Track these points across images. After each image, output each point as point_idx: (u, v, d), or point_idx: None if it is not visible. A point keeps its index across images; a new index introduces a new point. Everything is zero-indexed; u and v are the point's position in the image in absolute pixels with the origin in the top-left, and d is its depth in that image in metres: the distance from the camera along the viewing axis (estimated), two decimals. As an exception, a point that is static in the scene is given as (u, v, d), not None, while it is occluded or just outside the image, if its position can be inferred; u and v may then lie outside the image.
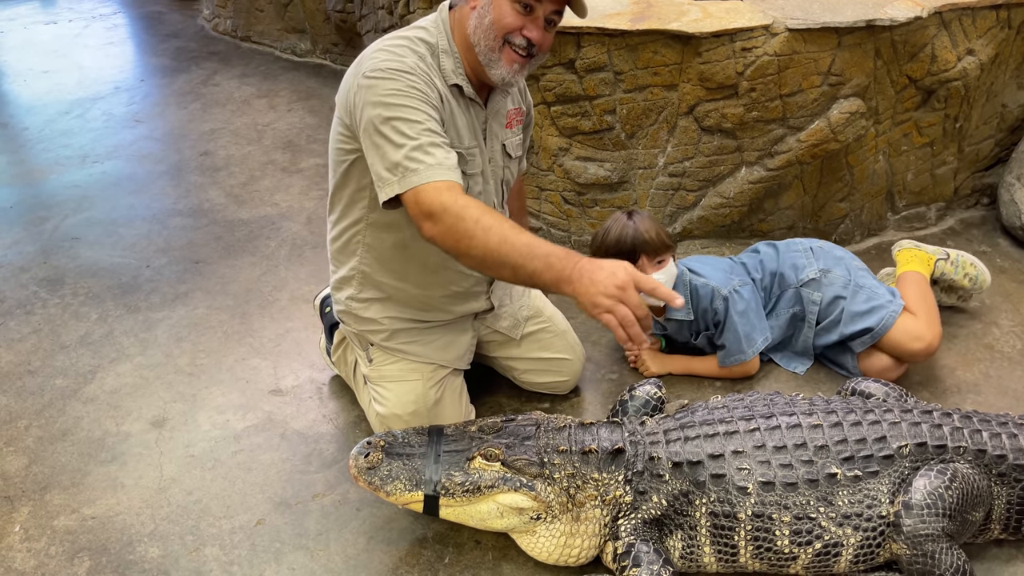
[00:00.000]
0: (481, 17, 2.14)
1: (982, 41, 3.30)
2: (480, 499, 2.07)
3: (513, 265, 1.89)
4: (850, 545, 2.01)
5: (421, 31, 2.23)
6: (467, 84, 2.24)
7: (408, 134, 2.01)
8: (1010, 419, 2.19)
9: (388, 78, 2.05)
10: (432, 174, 1.96)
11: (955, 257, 3.01)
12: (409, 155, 1.99)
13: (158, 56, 6.43)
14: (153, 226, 4.02)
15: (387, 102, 2.03)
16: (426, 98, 2.07)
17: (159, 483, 2.51)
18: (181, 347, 3.12)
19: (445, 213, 1.92)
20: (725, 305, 2.72)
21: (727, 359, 2.78)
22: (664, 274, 2.66)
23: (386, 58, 2.10)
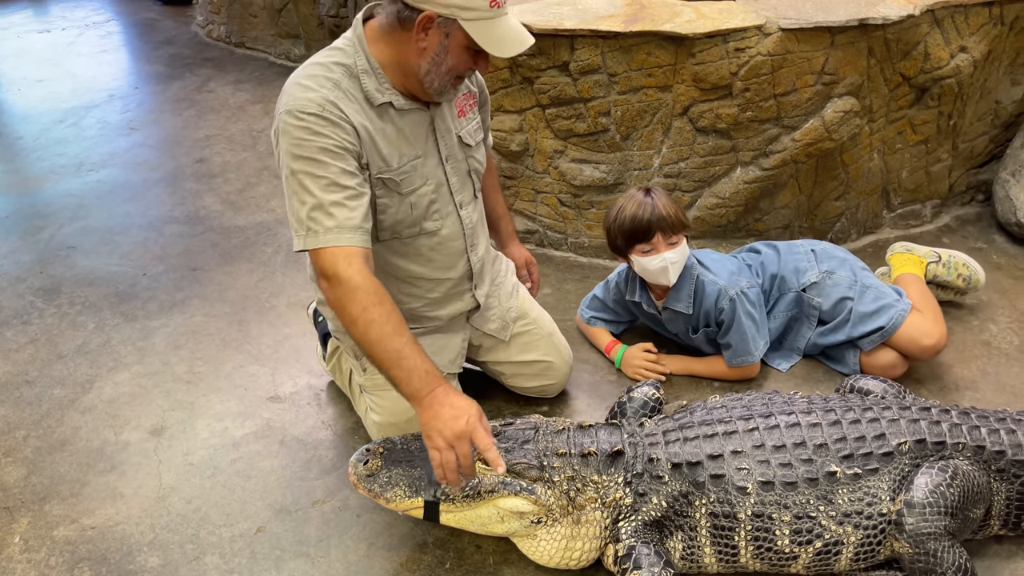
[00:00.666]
0: (437, 64, 2.09)
1: (975, 38, 3.31)
2: (480, 504, 2.07)
3: (379, 363, 2.02)
4: (850, 544, 2.01)
5: (337, 53, 2.17)
6: (397, 97, 2.18)
7: (312, 190, 2.03)
8: (1008, 415, 2.20)
9: (296, 123, 2.03)
10: (329, 239, 2.02)
11: (947, 259, 3.02)
12: (311, 215, 2.04)
13: (152, 63, 6.43)
14: (149, 234, 4.01)
15: (294, 152, 2.04)
16: (332, 142, 2.04)
17: (158, 492, 2.50)
18: (179, 355, 3.12)
19: (338, 285, 2.01)
20: (732, 306, 2.70)
21: (734, 359, 2.78)
22: (676, 253, 2.64)
23: (298, 95, 2.06)
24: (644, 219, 2.60)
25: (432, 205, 2.32)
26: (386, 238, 2.30)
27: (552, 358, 2.73)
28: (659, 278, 2.70)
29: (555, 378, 2.76)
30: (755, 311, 2.77)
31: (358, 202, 2.07)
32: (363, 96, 2.15)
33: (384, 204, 2.22)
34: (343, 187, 2.05)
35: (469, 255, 2.47)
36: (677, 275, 2.69)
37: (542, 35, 3.16)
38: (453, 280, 2.47)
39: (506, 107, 3.46)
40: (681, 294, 2.75)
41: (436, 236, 2.36)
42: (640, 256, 2.67)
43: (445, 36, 2.05)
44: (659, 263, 2.64)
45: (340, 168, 2.05)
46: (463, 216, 2.42)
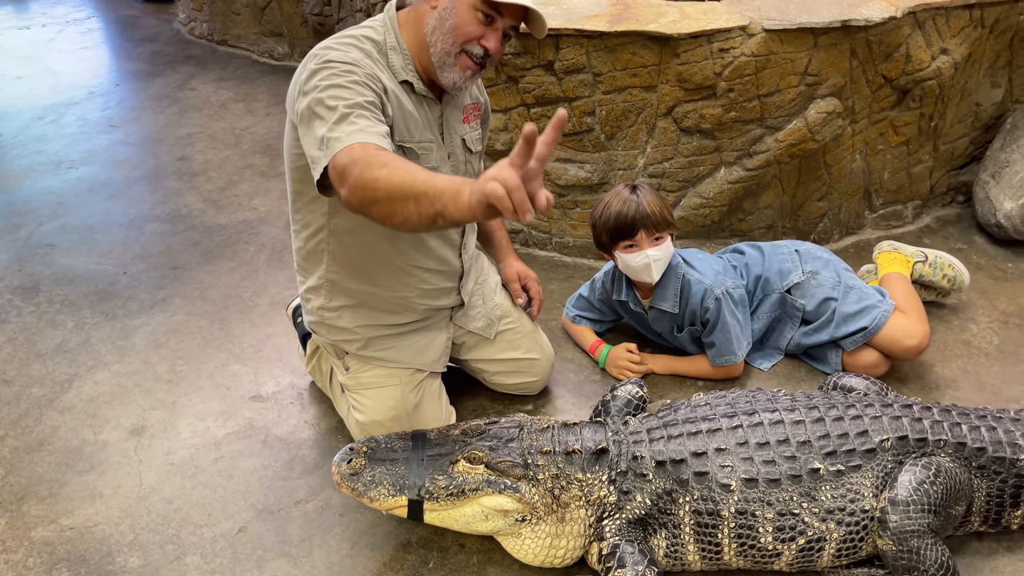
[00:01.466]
0: (442, 19, 2.14)
1: (956, 40, 3.34)
2: (464, 502, 2.06)
3: (417, 194, 1.67)
4: (833, 540, 2.02)
5: (368, 30, 2.23)
6: (417, 80, 2.24)
7: (333, 107, 1.92)
8: (988, 412, 2.22)
9: (325, 68, 2.02)
10: (353, 139, 1.83)
11: (933, 259, 3.04)
12: (332, 127, 1.88)
13: (133, 60, 6.37)
14: (130, 232, 3.97)
15: (321, 86, 1.98)
16: (364, 82, 2.03)
17: (138, 492, 2.47)
18: (160, 354, 3.09)
19: (354, 165, 1.77)
20: (718, 305, 2.71)
21: (718, 358, 2.79)
22: (660, 251, 2.65)
23: (328, 54, 2.08)
24: (628, 216, 2.60)
25: None
26: None
27: (535, 355, 2.73)
28: (642, 275, 2.70)
29: (538, 375, 2.76)
30: (739, 311, 2.78)
31: (381, 125, 1.95)
32: (390, 72, 2.20)
33: None
34: (370, 109, 1.96)
35: (461, 251, 2.50)
36: (660, 273, 2.69)
37: (527, 34, 3.15)
38: (444, 273, 2.48)
39: (491, 106, 3.44)
40: (667, 293, 2.75)
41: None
42: (624, 252, 2.67)
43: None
44: (642, 260, 2.64)
45: (368, 100, 1.98)
46: None
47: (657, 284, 2.76)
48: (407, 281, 2.42)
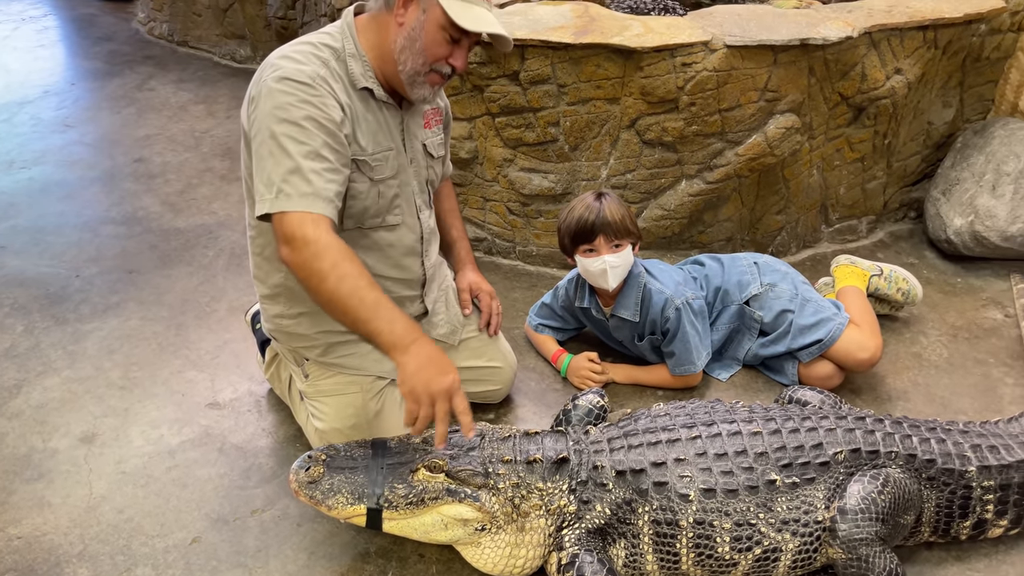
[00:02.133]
0: (411, 40, 2.15)
1: (909, 61, 3.44)
2: (424, 511, 2.05)
3: (355, 316, 1.94)
4: (788, 551, 2.05)
5: (326, 36, 2.22)
6: (378, 87, 2.24)
7: (292, 154, 2.00)
8: (938, 424, 2.27)
9: (284, 91, 2.03)
10: (304, 204, 1.97)
11: (888, 273, 3.12)
12: (287, 177, 2.00)
13: (90, 59, 6.24)
14: (84, 234, 3.88)
15: (279, 116, 2.02)
16: (320, 113, 2.05)
17: (88, 501, 2.41)
18: (113, 360, 3.02)
19: (305, 246, 1.94)
20: (678, 315, 2.74)
21: (677, 368, 2.82)
22: (618, 259, 2.67)
23: (288, 65, 2.07)
24: (589, 221, 2.64)
25: (396, 199, 2.35)
26: (349, 227, 2.28)
27: (498, 363, 2.73)
28: (599, 281, 2.74)
29: (500, 383, 2.76)
30: (699, 322, 2.82)
31: (332, 176, 2.06)
32: (348, 79, 2.19)
33: (356, 188, 2.23)
34: (324, 158, 2.04)
35: (424, 259, 2.48)
36: (617, 280, 2.72)
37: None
38: (406, 282, 2.47)
39: (456, 114, 3.45)
40: (628, 302, 2.78)
41: (396, 231, 2.38)
42: (583, 257, 2.71)
43: (422, 12, 2.13)
44: (599, 265, 2.67)
45: (324, 140, 2.05)
46: (422, 219, 2.45)
47: (619, 293, 2.79)
48: None
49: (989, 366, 3.01)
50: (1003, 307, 3.36)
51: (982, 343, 3.14)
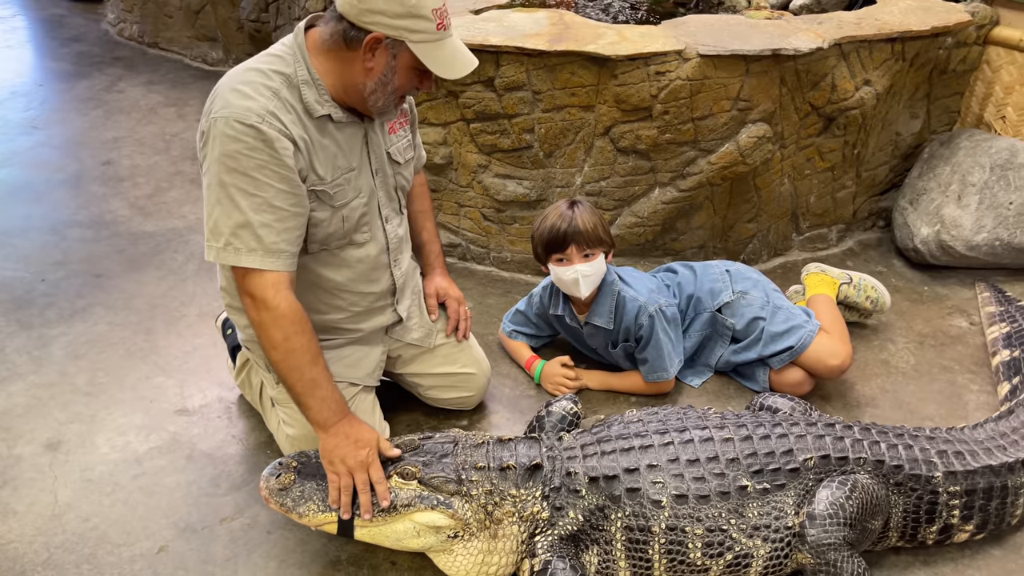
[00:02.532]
0: (383, 83, 2.10)
1: (878, 72, 3.49)
2: (396, 519, 2.03)
3: (292, 389, 2.11)
4: (760, 556, 2.07)
5: (277, 60, 2.12)
6: (336, 110, 2.16)
7: (241, 207, 2.01)
8: (905, 431, 2.30)
9: (232, 136, 1.98)
10: (252, 260, 2.03)
11: (857, 281, 3.16)
12: (236, 231, 2.02)
13: (58, 60, 6.15)
14: (50, 238, 3.82)
15: (228, 165, 2.00)
16: (271, 159, 2.00)
17: (53, 509, 2.37)
18: (79, 365, 2.97)
19: (265, 309, 2.05)
20: (651, 322, 2.76)
21: (650, 375, 2.83)
22: (590, 267, 2.68)
23: (236, 102, 2.00)
24: (561, 230, 2.65)
25: (363, 218, 2.31)
26: (315, 250, 2.27)
27: (472, 370, 2.72)
28: (571, 289, 2.74)
29: (474, 390, 2.75)
30: (672, 329, 2.84)
31: (286, 224, 2.05)
32: (303, 107, 2.11)
33: (317, 217, 2.19)
34: (275, 208, 2.03)
35: (392, 269, 2.46)
36: (589, 289, 2.72)
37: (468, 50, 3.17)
38: (376, 294, 2.45)
39: (431, 120, 3.45)
40: (602, 309, 2.79)
41: (363, 248, 2.35)
42: (555, 265, 2.72)
43: (392, 57, 2.06)
44: (571, 274, 2.68)
45: (276, 189, 2.02)
46: (388, 230, 2.42)
47: (592, 300, 2.80)
48: (334, 303, 2.39)
49: (955, 373, 3.07)
50: (968, 315, 3.42)
51: (948, 350, 3.20)
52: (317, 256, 2.28)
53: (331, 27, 2.08)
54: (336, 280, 2.34)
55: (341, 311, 2.41)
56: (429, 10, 2.01)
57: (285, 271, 2.07)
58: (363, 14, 2.00)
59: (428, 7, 2.01)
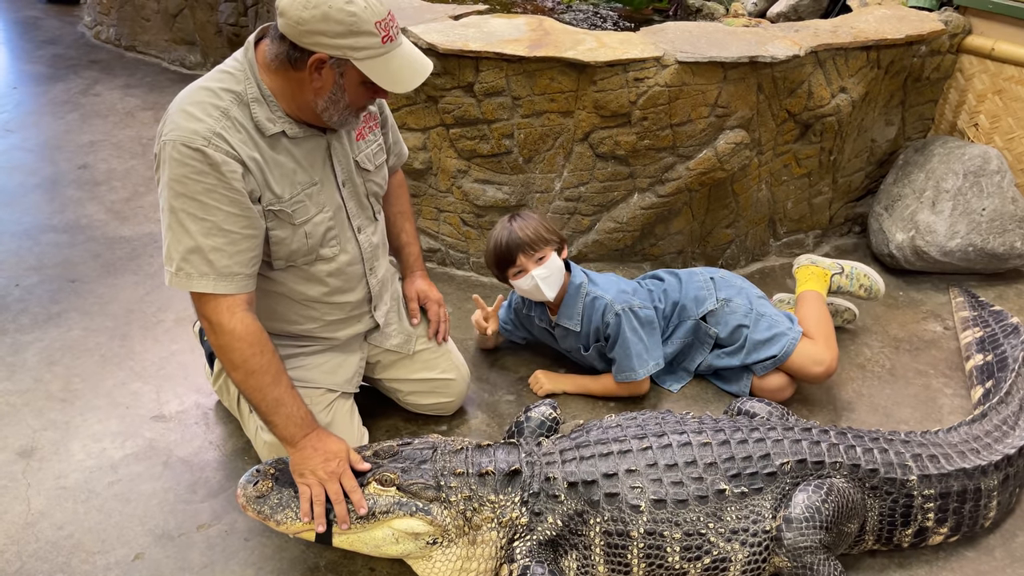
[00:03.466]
0: (334, 101, 2.05)
1: (854, 80, 3.53)
2: (375, 525, 2.03)
3: (257, 408, 2.11)
4: (738, 560, 2.08)
5: (227, 78, 2.06)
6: (291, 126, 2.11)
7: (191, 232, 2.00)
8: (881, 435, 2.33)
9: (180, 160, 1.95)
10: (205, 285, 2.02)
11: (849, 270, 3.18)
12: (187, 256, 2.02)
13: (33, 63, 6.07)
14: (23, 242, 3.77)
15: (176, 189, 1.98)
16: (219, 183, 1.98)
17: (26, 517, 2.33)
18: (53, 371, 2.93)
19: (221, 333, 2.05)
20: (617, 321, 2.77)
21: (619, 374, 2.84)
22: (546, 268, 2.70)
23: (184, 124, 1.97)
24: (503, 244, 2.69)
25: (329, 232, 2.27)
26: (281, 267, 2.25)
27: (451, 375, 2.72)
28: (536, 295, 2.77)
29: (453, 395, 2.75)
30: (644, 331, 2.84)
31: (239, 247, 2.04)
32: (254, 125, 2.06)
33: (277, 236, 2.16)
34: (226, 232, 2.01)
35: (368, 278, 2.45)
36: (553, 290, 2.74)
37: (447, 55, 3.18)
38: (352, 303, 2.44)
39: (410, 125, 3.44)
40: (571, 311, 2.81)
41: (334, 262, 2.32)
42: (514, 280, 2.75)
43: (339, 75, 2.02)
44: (530, 282, 2.71)
45: (226, 213, 2.00)
46: (361, 241, 2.39)
47: (562, 302, 2.82)
48: (309, 314, 2.38)
49: (929, 377, 3.10)
50: (942, 320, 3.46)
51: (923, 355, 3.24)
52: (285, 272, 2.27)
53: (275, 47, 2.02)
54: (308, 293, 2.33)
55: (315, 321, 2.40)
56: (372, 25, 1.94)
57: (241, 293, 2.06)
58: (304, 35, 1.94)
59: (370, 22, 1.94)
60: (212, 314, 2.04)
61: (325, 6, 1.89)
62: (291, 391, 2.11)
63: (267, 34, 2.09)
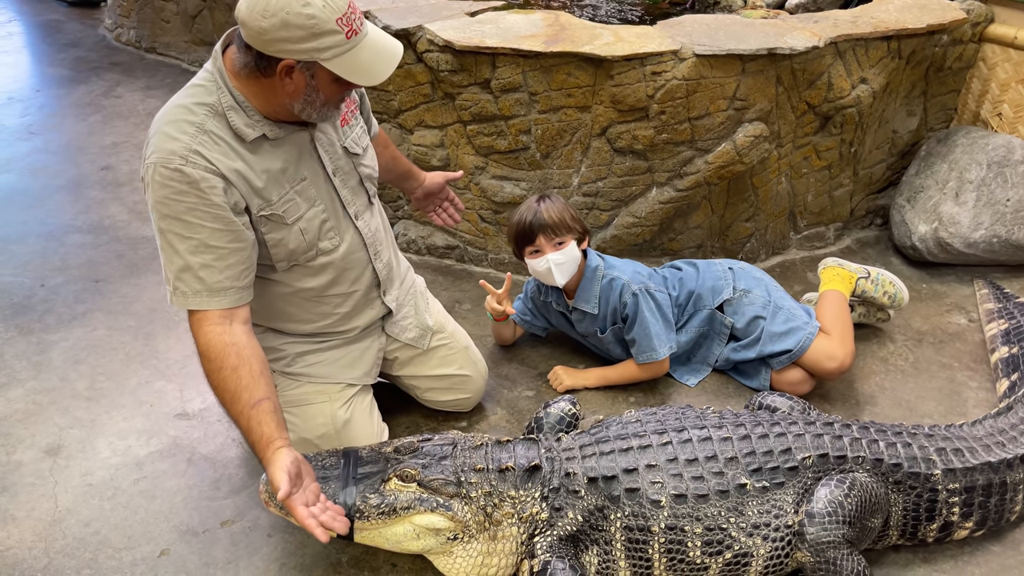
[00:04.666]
0: (309, 101, 2.04)
1: (874, 70, 3.50)
2: (396, 521, 2.04)
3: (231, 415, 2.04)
4: (760, 556, 2.07)
5: (199, 91, 2.06)
6: (271, 127, 2.10)
7: (179, 251, 2.03)
8: (904, 429, 2.31)
9: (160, 182, 1.97)
10: (198, 302, 2.04)
11: (875, 276, 3.15)
12: (179, 275, 2.04)
13: (56, 66, 6.15)
14: (48, 243, 3.82)
15: (161, 211, 2.01)
16: (200, 201, 1.99)
17: (53, 514, 2.37)
18: (79, 370, 2.97)
19: (200, 345, 2.05)
20: (635, 301, 2.78)
21: (640, 355, 2.85)
22: (562, 255, 2.72)
23: (162, 145, 1.98)
24: (527, 223, 2.71)
25: (325, 224, 2.28)
26: (284, 268, 2.26)
27: (468, 371, 2.73)
28: (546, 279, 2.79)
29: (471, 392, 2.75)
30: (660, 313, 2.85)
31: (228, 261, 2.05)
32: (232, 134, 2.06)
33: (274, 238, 2.18)
34: (212, 248, 2.03)
35: (374, 263, 2.45)
36: (565, 277, 2.76)
37: (464, 52, 3.18)
38: (361, 291, 2.45)
39: (427, 122, 3.45)
40: (588, 294, 2.83)
41: (336, 252, 2.32)
42: (529, 259, 2.78)
43: (311, 77, 2.01)
44: (544, 264, 2.73)
45: (210, 229, 2.02)
46: (360, 227, 2.39)
47: (578, 286, 2.83)
48: (320, 310, 2.39)
49: (954, 370, 3.07)
50: (967, 312, 3.42)
51: (947, 347, 3.20)
52: (289, 271, 2.28)
53: (242, 57, 2.01)
54: (315, 287, 2.34)
55: (328, 316, 2.41)
56: (333, 23, 1.91)
57: (227, 307, 2.06)
58: (267, 44, 1.92)
59: (331, 20, 1.91)
60: (197, 329, 2.06)
61: (283, 13, 1.87)
62: (250, 410, 1.97)
63: (233, 41, 2.07)
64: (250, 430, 1.96)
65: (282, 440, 1.94)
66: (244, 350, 2.02)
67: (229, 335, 2.03)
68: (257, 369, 2.01)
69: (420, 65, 3.34)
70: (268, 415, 1.96)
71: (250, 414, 1.96)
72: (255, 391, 1.98)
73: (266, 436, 1.93)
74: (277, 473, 1.85)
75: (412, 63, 3.36)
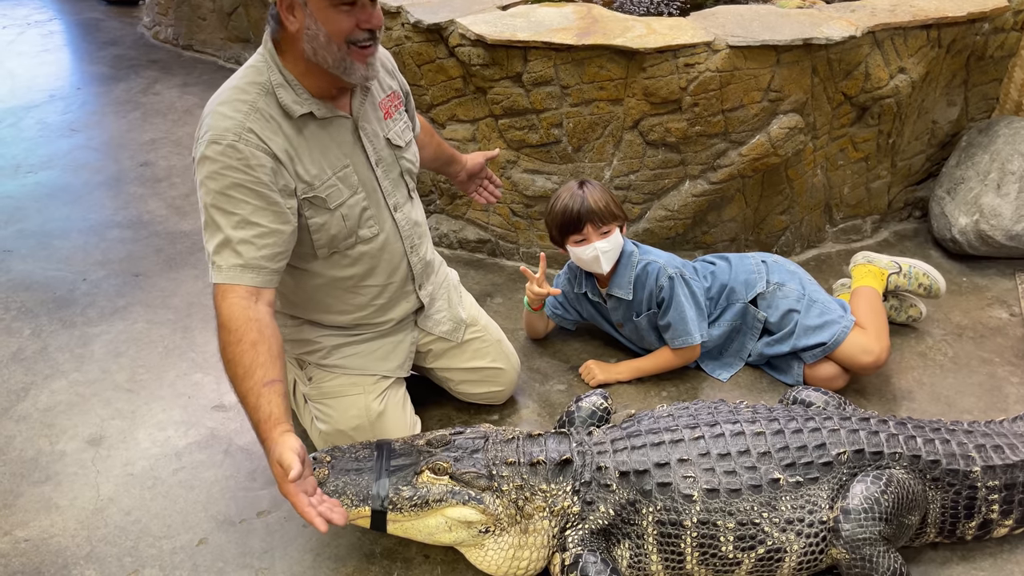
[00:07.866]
0: (315, 37, 2.06)
1: (913, 60, 3.43)
2: (428, 513, 2.05)
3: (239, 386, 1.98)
4: (793, 552, 2.05)
5: (251, 71, 2.15)
6: (319, 106, 2.17)
7: (221, 226, 2.05)
8: (942, 425, 2.27)
9: (211, 157, 2.02)
10: (230, 276, 2.04)
11: (907, 269, 3.09)
12: (219, 250, 2.06)
13: (95, 64, 6.27)
14: (90, 238, 3.91)
15: (208, 187, 2.05)
16: (247, 177, 2.03)
17: (96, 503, 2.43)
18: (119, 363, 3.04)
19: (218, 316, 2.03)
20: (671, 284, 2.78)
21: (675, 340, 2.84)
22: (608, 243, 2.72)
23: (216, 123, 2.05)
24: (574, 211, 2.69)
25: (365, 212, 2.31)
26: (325, 255, 2.29)
27: (501, 364, 2.74)
28: (592, 267, 2.79)
29: (503, 384, 2.76)
30: (694, 298, 2.84)
31: (266, 240, 2.07)
32: (281, 112, 2.12)
33: (316, 223, 2.21)
34: (253, 224, 2.05)
35: (409, 256, 2.47)
36: (610, 264, 2.77)
37: (496, 46, 3.18)
38: (396, 283, 2.47)
39: (459, 116, 3.46)
40: (622, 280, 2.83)
41: (374, 241, 2.36)
42: (574, 246, 2.77)
43: (304, 6, 2.04)
44: (591, 252, 2.72)
45: (253, 206, 2.05)
46: (398, 219, 2.42)
47: (612, 272, 2.83)
48: (356, 301, 2.42)
49: (994, 365, 3.01)
50: (1008, 306, 3.35)
51: (987, 342, 3.14)
52: (330, 260, 2.31)
53: (271, 25, 2.13)
54: (353, 275, 2.36)
55: (364, 308, 2.44)
56: None
57: (253, 285, 2.05)
58: None
59: None
60: (219, 299, 2.04)
61: None
62: (260, 388, 1.93)
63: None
64: (258, 407, 1.90)
65: (289, 424, 1.91)
66: (266, 328, 2.01)
67: (253, 311, 2.02)
68: (276, 350, 1.99)
69: (452, 59, 3.35)
70: (279, 397, 1.92)
71: (261, 391, 1.92)
72: (270, 371, 1.95)
73: (275, 416, 1.89)
74: (288, 454, 1.79)
75: (444, 57, 3.37)
